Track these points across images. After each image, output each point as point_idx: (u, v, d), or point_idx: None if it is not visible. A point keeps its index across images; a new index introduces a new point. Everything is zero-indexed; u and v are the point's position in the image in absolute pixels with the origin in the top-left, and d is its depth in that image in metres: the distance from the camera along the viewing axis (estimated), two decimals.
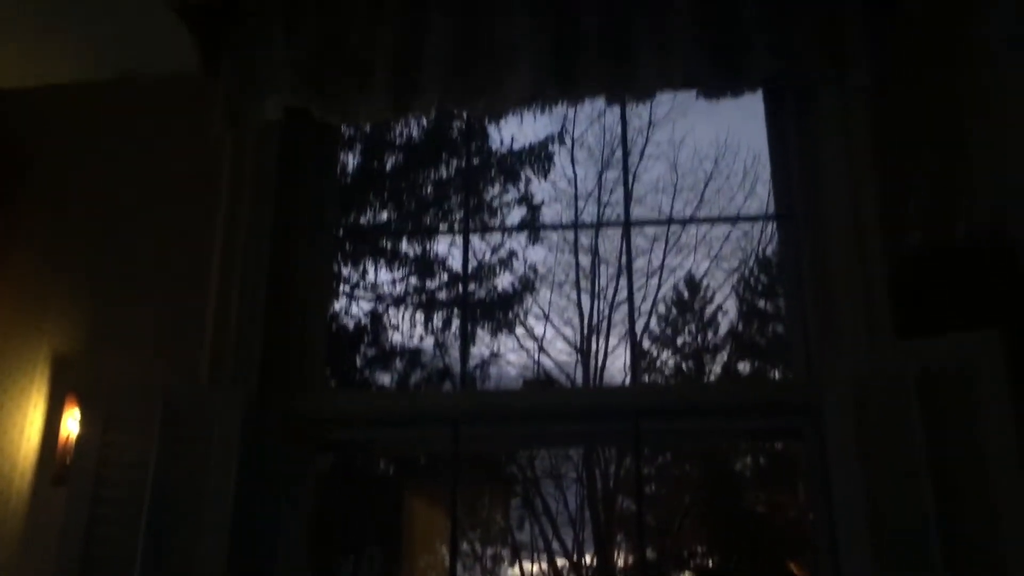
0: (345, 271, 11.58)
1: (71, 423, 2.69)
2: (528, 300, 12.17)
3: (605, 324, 12.44)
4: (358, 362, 11.65)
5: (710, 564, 12.02)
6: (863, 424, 2.39)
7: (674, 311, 13.04)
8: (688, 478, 12.15)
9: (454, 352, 11.58)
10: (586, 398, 3.40)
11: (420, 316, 11.70)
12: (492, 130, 11.73)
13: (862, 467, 2.37)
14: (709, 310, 13.03)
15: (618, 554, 12.00)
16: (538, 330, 12.57)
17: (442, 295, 11.90)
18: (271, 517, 2.70)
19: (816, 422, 2.62)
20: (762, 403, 2.85)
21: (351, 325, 11.67)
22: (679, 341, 13.02)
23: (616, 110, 9.70)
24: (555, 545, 12.08)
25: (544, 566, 12.15)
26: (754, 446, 12.00)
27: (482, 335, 11.69)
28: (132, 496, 2.48)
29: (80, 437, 2.60)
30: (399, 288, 11.86)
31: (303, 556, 2.81)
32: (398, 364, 11.70)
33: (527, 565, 12.14)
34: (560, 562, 12.08)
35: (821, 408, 2.56)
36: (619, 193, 12.35)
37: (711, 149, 18.80)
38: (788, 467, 11.68)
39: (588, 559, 11.97)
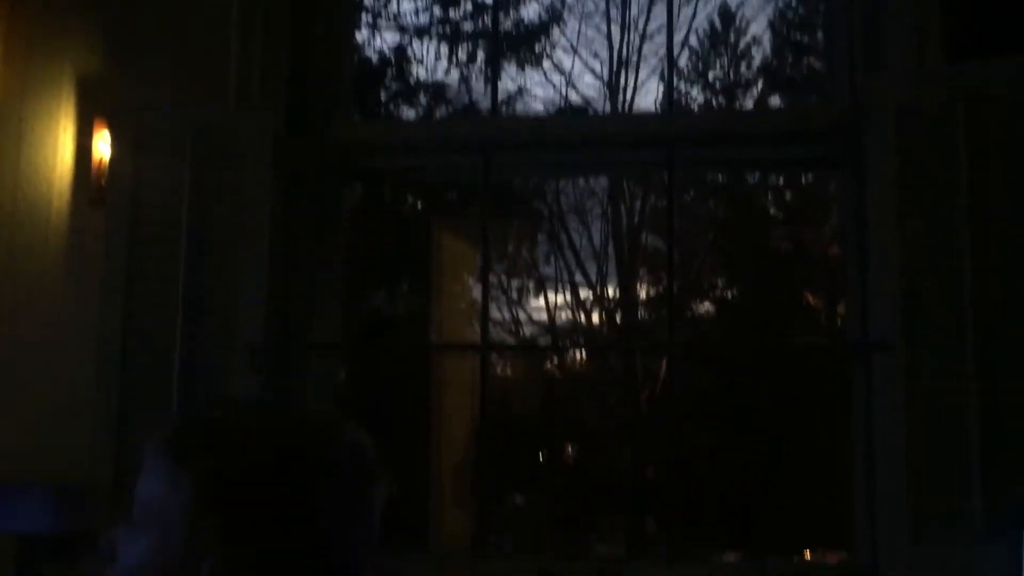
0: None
1: (102, 146, 2.68)
2: (555, 32, 11.78)
3: (635, 57, 12.09)
4: (382, 96, 11.48)
5: (729, 296, 12.32)
6: (905, 148, 2.33)
7: (707, 43, 12.62)
8: (713, 214, 12.22)
9: (479, 87, 11.36)
10: (620, 124, 3.35)
11: (444, 49, 11.40)
12: None
13: (901, 194, 2.33)
14: (743, 43, 12.59)
15: (640, 286, 12.31)
16: (566, 64, 12.26)
17: (467, 27, 11.53)
18: (307, 244, 2.74)
19: (855, 150, 2.57)
20: (800, 129, 2.79)
21: (374, 59, 11.41)
22: (710, 76, 12.70)
23: None
24: (579, 277, 12.39)
25: (568, 297, 12.52)
26: (781, 182, 11.98)
27: (508, 68, 11.42)
28: (169, 218, 2.51)
29: (112, 160, 2.60)
30: (422, 19, 11.49)
31: (339, 284, 2.87)
32: (422, 99, 11.53)
33: (552, 296, 12.51)
34: (583, 293, 12.42)
35: (860, 135, 2.50)
36: None
37: None
38: (815, 204, 11.69)
39: (611, 291, 12.31)
